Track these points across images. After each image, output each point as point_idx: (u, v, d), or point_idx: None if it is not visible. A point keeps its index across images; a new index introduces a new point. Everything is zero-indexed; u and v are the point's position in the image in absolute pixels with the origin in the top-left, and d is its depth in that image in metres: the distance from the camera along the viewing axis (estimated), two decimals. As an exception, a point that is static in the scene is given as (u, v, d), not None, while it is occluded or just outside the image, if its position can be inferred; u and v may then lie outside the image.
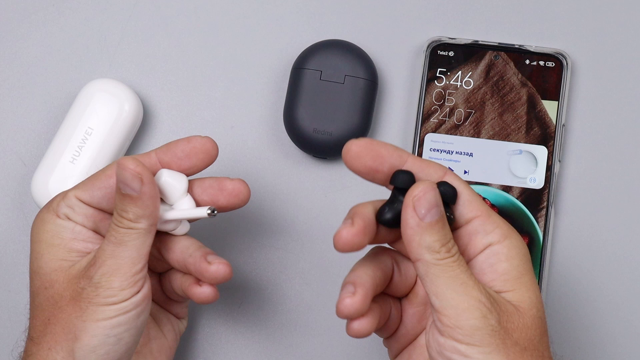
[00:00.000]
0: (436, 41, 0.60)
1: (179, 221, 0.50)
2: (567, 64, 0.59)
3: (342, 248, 0.44)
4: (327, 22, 0.62)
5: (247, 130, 0.61)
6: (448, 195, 0.44)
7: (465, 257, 0.45)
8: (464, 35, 0.61)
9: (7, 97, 0.62)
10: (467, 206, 0.45)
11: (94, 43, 0.62)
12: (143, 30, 0.63)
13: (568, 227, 0.59)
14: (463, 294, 0.42)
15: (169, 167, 0.49)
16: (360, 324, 0.45)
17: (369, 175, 0.45)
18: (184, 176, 0.49)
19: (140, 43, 0.62)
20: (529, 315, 0.43)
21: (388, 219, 0.45)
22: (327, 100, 0.58)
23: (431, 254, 0.43)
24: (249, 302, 0.59)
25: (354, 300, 0.45)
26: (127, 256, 0.47)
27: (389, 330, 0.49)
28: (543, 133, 0.58)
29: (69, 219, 0.49)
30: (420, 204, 0.43)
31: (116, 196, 0.48)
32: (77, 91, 0.60)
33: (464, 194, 0.45)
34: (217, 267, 0.48)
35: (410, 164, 0.45)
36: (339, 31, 0.62)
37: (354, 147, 0.45)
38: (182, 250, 0.50)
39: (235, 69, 0.62)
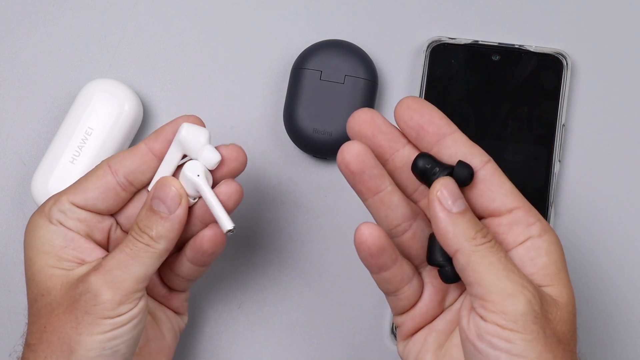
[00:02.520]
0: (436, 41, 0.60)
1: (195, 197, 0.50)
2: (567, 64, 0.59)
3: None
4: (327, 22, 0.62)
5: (247, 130, 0.61)
6: (462, 176, 0.44)
7: (504, 247, 0.45)
8: (464, 35, 0.61)
9: (7, 97, 0.62)
10: (509, 196, 0.45)
11: (94, 43, 0.62)
12: (143, 30, 0.63)
13: (568, 227, 0.59)
14: (506, 278, 0.42)
15: (161, 155, 0.49)
16: (370, 228, 0.45)
17: (412, 130, 0.45)
18: (205, 131, 0.49)
19: (140, 43, 0.62)
20: (565, 310, 0.43)
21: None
22: (327, 100, 0.58)
23: (468, 241, 0.43)
24: (249, 302, 0.59)
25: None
26: (135, 272, 0.46)
27: (406, 299, 0.48)
28: (543, 133, 0.58)
29: (61, 224, 0.48)
30: (444, 196, 0.43)
31: (143, 210, 0.47)
32: (77, 91, 0.60)
33: (506, 184, 0.45)
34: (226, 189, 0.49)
35: (454, 141, 0.45)
36: (339, 31, 0.62)
37: (409, 100, 0.45)
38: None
39: (235, 69, 0.62)
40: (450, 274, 0.45)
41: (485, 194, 0.45)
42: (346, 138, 0.58)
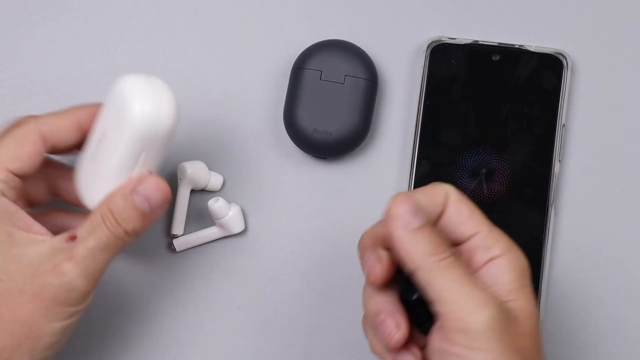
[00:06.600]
0: (436, 41, 0.60)
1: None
2: (567, 64, 0.59)
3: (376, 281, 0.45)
4: (327, 22, 0.62)
5: (247, 130, 0.61)
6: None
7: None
8: (464, 35, 0.61)
9: (7, 97, 0.62)
10: (467, 223, 0.45)
11: (94, 43, 0.62)
12: (143, 30, 0.63)
13: (568, 227, 0.59)
14: (468, 295, 0.42)
15: (86, 128, 0.49)
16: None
17: None
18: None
19: (140, 43, 0.62)
20: (528, 324, 0.43)
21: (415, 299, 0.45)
22: (327, 100, 0.58)
23: (427, 258, 0.42)
24: (249, 302, 0.59)
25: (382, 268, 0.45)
26: (104, 261, 0.47)
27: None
28: (543, 133, 0.58)
29: (4, 195, 0.46)
30: (401, 214, 0.43)
31: (121, 201, 0.47)
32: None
33: (464, 211, 0.45)
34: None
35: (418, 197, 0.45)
36: (339, 31, 0.62)
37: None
38: None
39: (235, 69, 0.62)
40: (410, 291, 0.45)
41: (446, 228, 0.45)
42: (346, 138, 0.59)
